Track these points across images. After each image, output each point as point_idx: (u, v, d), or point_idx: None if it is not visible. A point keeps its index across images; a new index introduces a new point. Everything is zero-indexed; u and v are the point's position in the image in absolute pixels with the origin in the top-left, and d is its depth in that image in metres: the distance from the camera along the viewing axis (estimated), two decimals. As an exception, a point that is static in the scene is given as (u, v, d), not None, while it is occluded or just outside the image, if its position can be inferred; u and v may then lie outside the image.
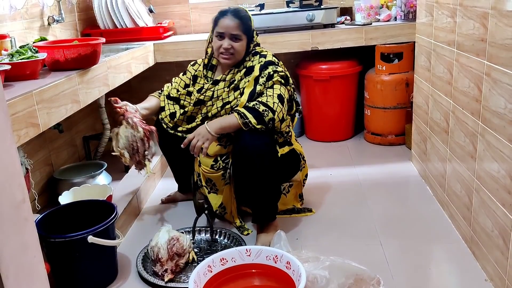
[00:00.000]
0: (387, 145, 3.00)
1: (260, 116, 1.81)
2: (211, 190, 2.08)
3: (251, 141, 1.81)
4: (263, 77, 1.89)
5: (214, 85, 2.00)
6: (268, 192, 1.91)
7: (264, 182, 1.87)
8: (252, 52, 1.98)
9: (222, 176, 2.01)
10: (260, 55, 1.96)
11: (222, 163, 1.99)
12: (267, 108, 1.82)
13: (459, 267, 1.71)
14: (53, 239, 1.59)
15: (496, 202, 1.51)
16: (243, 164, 1.85)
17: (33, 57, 1.68)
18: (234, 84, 1.96)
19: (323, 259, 1.60)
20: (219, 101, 1.98)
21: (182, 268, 1.76)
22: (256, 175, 1.84)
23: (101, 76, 1.99)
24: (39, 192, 2.29)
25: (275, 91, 1.87)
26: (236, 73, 1.97)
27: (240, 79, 1.95)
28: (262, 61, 1.92)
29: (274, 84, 1.89)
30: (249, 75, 1.93)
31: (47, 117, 1.53)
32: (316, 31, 2.80)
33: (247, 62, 1.97)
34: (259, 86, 1.88)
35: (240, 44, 1.91)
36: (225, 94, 1.97)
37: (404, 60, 2.85)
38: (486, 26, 1.55)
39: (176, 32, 3.34)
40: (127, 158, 1.93)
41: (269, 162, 1.85)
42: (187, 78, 2.13)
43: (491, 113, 1.53)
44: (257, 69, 1.91)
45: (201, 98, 2.02)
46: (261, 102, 1.84)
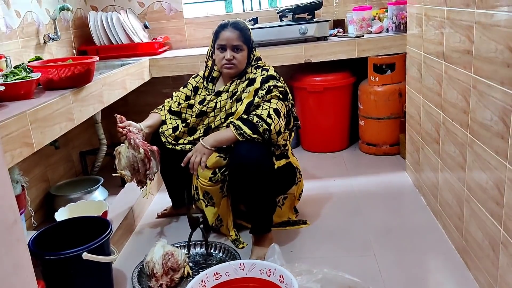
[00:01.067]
0: (381, 155, 3.02)
1: (254, 127, 1.85)
2: (208, 203, 2.09)
3: (248, 152, 1.84)
4: (263, 90, 1.93)
5: (217, 96, 2.03)
6: (263, 204, 1.93)
7: (259, 194, 1.89)
8: (255, 66, 2.04)
9: (220, 189, 2.03)
10: (263, 69, 2.01)
11: (220, 175, 2.00)
12: (260, 119, 1.86)
13: (452, 278, 1.72)
14: (48, 257, 1.61)
15: (485, 212, 1.53)
16: (239, 175, 1.87)
17: (27, 77, 1.70)
18: (236, 95, 2.00)
19: (316, 272, 1.61)
20: (222, 113, 2.01)
21: (177, 283, 1.77)
22: (252, 186, 1.86)
23: (96, 93, 2.02)
24: (36, 208, 2.31)
25: (271, 105, 1.91)
26: (238, 84, 2.01)
27: (242, 90, 1.99)
28: (264, 75, 1.97)
29: (272, 98, 1.93)
30: (250, 85, 1.97)
31: (41, 136, 1.55)
32: (309, 44, 2.83)
33: (249, 74, 2.01)
34: (258, 98, 1.92)
35: (241, 54, 1.98)
36: (228, 105, 2.01)
37: (396, 71, 2.88)
38: (471, 39, 1.57)
39: (172, 47, 3.38)
40: (129, 177, 1.99)
41: (265, 174, 1.87)
42: (188, 90, 2.16)
43: (479, 124, 1.55)
44: (259, 81, 1.95)
45: (204, 109, 2.04)
46: (255, 115, 1.88)
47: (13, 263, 1.00)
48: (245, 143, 1.85)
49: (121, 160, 1.97)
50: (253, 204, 1.92)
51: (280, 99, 1.95)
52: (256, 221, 1.96)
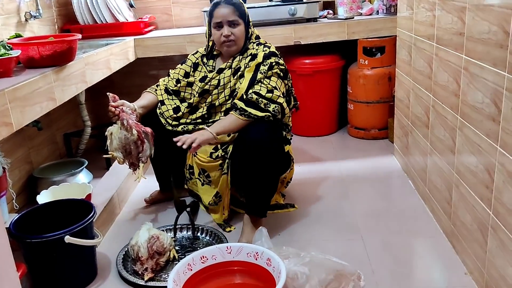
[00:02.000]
0: (370, 139, 3.01)
1: (258, 106, 1.82)
2: (204, 182, 2.05)
3: (260, 133, 1.80)
4: (265, 65, 1.90)
5: (219, 73, 1.99)
6: (268, 186, 1.90)
7: (266, 176, 1.86)
8: (256, 42, 2.01)
9: (219, 166, 1.98)
10: (265, 45, 1.98)
11: (222, 151, 1.96)
12: (261, 97, 1.84)
13: (440, 261, 1.72)
14: (29, 240, 1.57)
15: (474, 196, 1.52)
16: (248, 155, 1.81)
17: (6, 54, 1.64)
18: (240, 71, 1.96)
19: (304, 255, 1.59)
20: (226, 90, 1.98)
21: (162, 267, 1.75)
22: (260, 168, 1.82)
23: (78, 73, 1.96)
24: (18, 191, 2.25)
25: (271, 83, 1.89)
26: (241, 60, 1.98)
27: (245, 66, 1.95)
28: (266, 51, 1.95)
29: (272, 76, 1.90)
30: (253, 60, 1.94)
31: (20, 115, 1.49)
32: (299, 25, 2.78)
33: (251, 50, 1.98)
34: (260, 74, 1.89)
35: (238, 29, 1.94)
36: (232, 82, 1.97)
37: (386, 54, 2.85)
38: (464, 20, 1.54)
39: (158, 27, 3.30)
40: (120, 159, 1.90)
41: (275, 156, 1.85)
42: (187, 66, 2.11)
43: (469, 107, 1.53)
44: (261, 56, 1.92)
45: (206, 87, 2.00)
46: (257, 93, 1.84)
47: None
48: (256, 124, 1.82)
49: (113, 142, 1.88)
50: (258, 185, 1.87)
51: (280, 77, 1.93)
52: (256, 204, 1.91)
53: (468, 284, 1.57)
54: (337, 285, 1.54)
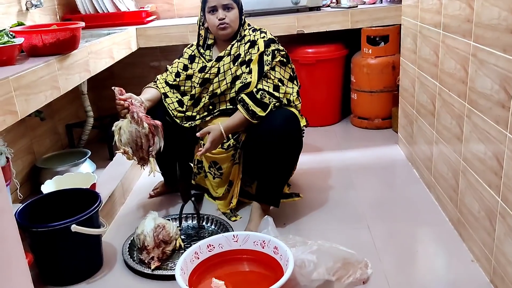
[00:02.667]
0: (374, 129, 2.99)
1: (266, 107, 1.84)
2: (215, 175, 2.04)
3: (283, 121, 1.82)
4: (267, 55, 1.90)
5: (218, 61, 1.98)
6: (284, 176, 1.92)
7: (283, 165, 1.87)
8: (251, 28, 2.00)
9: (231, 156, 1.98)
10: (261, 31, 1.98)
11: (233, 141, 1.95)
12: (271, 96, 1.86)
13: (446, 249, 1.72)
14: (35, 229, 1.56)
15: (483, 183, 1.51)
16: (268, 144, 1.81)
17: (10, 42, 1.62)
18: (241, 58, 1.94)
19: (311, 244, 1.59)
20: (228, 77, 1.96)
21: (169, 256, 1.74)
22: (280, 157, 1.83)
23: (82, 61, 1.94)
24: (22, 181, 2.24)
25: (276, 74, 1.91)
26: (239, 47, 1.96)
27: (245, 52, 1.94)
28: (265, 37, 1.94)
29: (276, 66, 1.92)
30: (252, 47, 1.93)
31: (25, 103, 1.48)
32: (302, 14, 2.76)
33: (248, 36, 1.97)
34: (266, 66, 1.89)
35: (233, 13, 1.94)
36: (233, 69, 1.95)
37: (390, 43, 2.83)
38: (472, 7, 1.53)
39: (159, 16, 3.27)
40: (130, 154, 1.83)
41: (295, 147, 1.88)
42: (184, 59, 2.09)
43: (478, 94, 1.52)
44: (262, 44, 1.92)
45: (207, 76, 1.99)
46: (267, 92, 1.86)
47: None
48: (276, 112, 1.84)
49: (122, 136, 1.81)
50: (275, 173, 1.87)
51: (282, 64, 1.95)
52: (271, 193, 1.92)
53: (475, 271, 1.57)
54: (344, 273, 1.54)
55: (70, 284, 1.66)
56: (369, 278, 1.57)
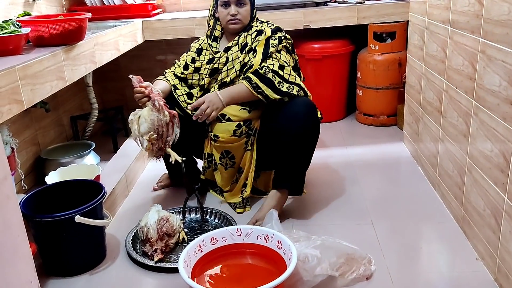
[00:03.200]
0: (379, 125, 2.98)
1: (272, 84, 1.85)
2: (227, 165, 2.03)
3: (307, 112, 1.84)
4: (274, 39, 1.94)
5: (226, 51, 2.01)
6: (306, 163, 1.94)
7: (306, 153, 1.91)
8: (259, 21, 2.04)
9: (244, 144, 1.98)
10: (268, 23, 2.03)
11: (245, 128, 1.96)
12: (274, 74, 1.88)
13: (450, 247, 1.71)
14: (39, 219, 1.56)
15: (488, 181, 1.50)
16: (292, 131, 1.83)
17: (16, 31, 1.62)
18: (248, 46, 1.97)
19: (314, 239, 1.58)
20: (236, 65, 1.98)
21: (172, 248, 1.74)
22: (302, 145, 1.86)
23: (88, 53, 1.94)
24: (26, 172, 2.24)
25: (281, 57, 1.93)
26: (247, 36, 2.00)
27: (252, 40, 1.97)
28: (272, 26, 1.99)
29: (281, 50, 1.95)
30: (259, 35, 1.96)
31: (31, 93, 1.48)
32: (309, 9, 2.75)
33: (255, 27, 2.00)
34: (272, 47, 1.92)
35: (245, 9, 1.97)
36: (241, 57, 1.98)
37: (397, 39, 2.81)
38: (482, 2, 1.51)
39: (166, 9, 3.27)
40: (155, 141, 1.75)
41: (316, 138, 1.90)
42: (192, 53, 2.10)
43: (485, 91, 1.51)
44: (269, 30, 1.96)
45: (215, 66, 2.01)
46: (271, 69, 1.88)
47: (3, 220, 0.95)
48: (295, 100, 1.87)
49: (143, 125, 1.73)
50: (297, 161, 1.90)
51: (288, 51, 1.99)
52: (296, 181, 1.94)
53: (479, 269, 1.56)
54: (348, 269, 1.53)
55: (73, 275, 1.66)
56: (373, 274, 1.57)
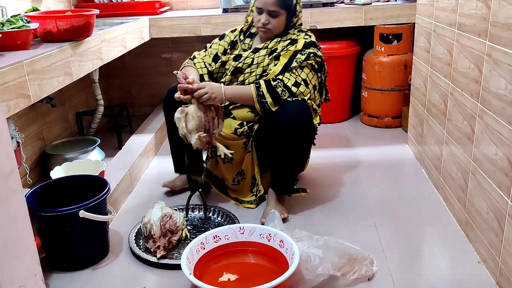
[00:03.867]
0: (383, 127, 2.98)
1: (277, 97, 1.82)
2: (225, 160, 2.03)
3: (297, 111, 1.81)
4: (302, 54, 1.87)
5: (254, 53, 1.97)
6: (297, 165, 1.94)
7: (298, 155, 1.89)
8: (298, 29, 1.97)
9: (243, 144, 1.98)
10: (306, 33, 1.95)
11: (247, 128, 1.95)
12: (285, 89, 1.83)
13: (453, 249, 1.71)
14: (44, 213, 1.57)
15: (492, 184, 1.50)
16: (281, 135, 1.82)
17: (24, 26, 1.63)
18: (276, 52, 1.92)
19: (317, 238, 1.59)
20: (258, 69, 1.94)
21: (174, 245, 1.75)
22: (295, 145, 1.85)
23: (95, 49, 1.95)
24: (31, 167, 2.26)
25: (302, 74, 1.87)
26: (279, 42, 1.94)
27: (282, 49, 1.92)
28: (308, 39, 1.91)
29: (306, 67, 1.88)
30: (291, 45, 1.91)
31: (38, 88, 1.49)
32: (315, 10, 2.75)
33: (291, 35, 1.94)
34: (295, 62, 1.86)
35: (277, 20, 1.89)
36: (266, 62, 1.93)
37: (403, 41, 2.81)
38: (489, 6, 1.51)
39: (173, 7, 3.28)
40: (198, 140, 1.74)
41: (308, 142, 1.89)
42: (225, 43, 2.05)
43: (491, 94, 1.50)
44: (301, 44, 1.88)
45: (239, 66, 1.97)
46: (282, 82, 1.84)
47: (9, 213, 0.96)
48: (288, 103, 1.82)
49: (190, 122, 1.73)
50: (286, 164, 1.89)
51: (313, 69, 1.91)
52: (283, 182, 1.95)
53: (481, 273, 1.56)
54: (349, 269, 1.54)
55: (76, 269, 1.67)
56: (374, 275, 1.57)
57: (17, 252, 0.98)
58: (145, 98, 3.40)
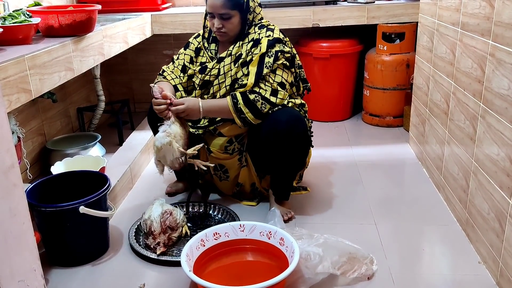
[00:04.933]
0: (384, 126, 2.98)
1: (257, 111, 1.76)
2: (221, 178, 2.02)
3: (290, 118, 1.75)
4: (269, 56, 1.77)
5: (219, 62, 1.86)
6: (293, 172, 1.91)
7: (294, 162, 1.86)
8: (258, 25, 1.86)
9: (238, 160, 1.95)
10: (268, 28, 1.84)
11: (237, 144, 1.92)
12: (264, 101, 1.76)
13: (453, 249, 1.70)
14: (44, 209, 1.57)
15: (494, 184, 1.50)
16: (274, 147, 1.77)
17: (26, 21, 1.62)
18: (242, 59, 1.82)
19: (317, 237, 1.59)
20: (227, 79, 1.84)
21: (174, 242, 1.75)
22: (291, 152, 1.80)
23: (97, 44, 1.94)
24: (31, 162, 2.26)
25: (276, 78, 1.79)
26: (242, 46, 1.84)
27: (247, 53, 1.82)
28: (270, 37, 1.80)
29: (277, 68, 1.79)
30: (255, 46, 1.81)
31: (39, 83, 1.48)
32: (318, 8, 2.74)
33: (252, 35, 1.84)
34: (266, 69, 1.76)
35: (231, 22, 1.79)
36: (233, 71, 1.84)
37: (405, 40, 2.80)
38: (493, 5, 1.51)
39: (175, 4, 3.27)
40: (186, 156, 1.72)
41: (304, 150, 1.85)
42: (191, 51, 1.97)
43: (494, 94, 1.50)
44: (265, 45, 1.78)
45: (206, 78, 1.88)
46: (259, 94, 1.76)
47: (10, 208, 0.96)
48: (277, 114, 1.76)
49: (179, 143, 1.69)
50: (282, 172, 1.88)
51: (286, 68, 1.81)
52: (281, 188, 1.94)
53: (482, 273, 1.56)
54: (349, 268, 1.53)
55: (76, 265, 1.67)
56: (374, 274, 1.57)
57: (17, 247, 0.98)
58: (146, 95, 3.38)
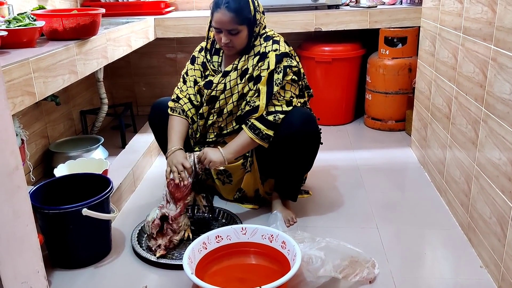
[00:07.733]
0: (386, 130, 2.98)
1: (274, 125, 1.77)
2: (224, 182, 2.03)
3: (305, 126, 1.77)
4: (278, 73, 1.76)
5: (224, 76, 1.83)
6: (302, 173, 1.93)
7: (304, 163, 1.89)
8: (264, 37, 1.83)
9: (242, 165, 1.95)
10: (273, 40, 1.81)
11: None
12: (281, 114, 1.77)
13: (455, 253, 1.70)
14: (47, 211, 1.58)
15: (495, 189, 1.50)
16: (289, 148, 1.78)
17: (31, 24, 1.64)
18: (248, 74, 1.80)
19: (319, 240, 1.59)
20: (234, 95, 1.83)
21: (176, 245, 1.75)
22: (305, 154, 1.84)
23: (100, 48, 1.95)
24: (34, 164, 2.27)
25: (286, 94, 1.79)
26: (247, 59, 1.81)
27: (253, 67, 1.79)
28: (277, 51, 1.78)
29: (287, 83, 1.79)
30: (261, 61, 1.78)
31: (43, 86, 1.49)
32: (320, 12, 2.75)
33: (257, 47, 1.81)
34: (276, 87, 1.75)
35: (239, 36, 1.76)
36: (240, 86, 1.81)
37: (408, 45, 2.81)
38: (495, 10, 1.51)
39: (178, 7, 3.28)
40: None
41: (315, 150, 1.88)
42: (199, 66, 1.93)
43: (495, 99, 1.50)
44: (273, 61, 1.76)
45: (213, 94, 1.85)
46: (281, 111, 1.77)
47: (13, 209, 0.96)
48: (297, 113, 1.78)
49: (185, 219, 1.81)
50: (293, 172, 1.89)
51: (294, 82, 1.81)
52: (291, 189, 1.96)
53: (483, 277, 1.56)
54: (351, 271, 1.54)
55: (78, 267, 1.68)
56: (376, 278, 1.57)
57: (20, 249, 0.99)
58: (149, 98, 3.41)
